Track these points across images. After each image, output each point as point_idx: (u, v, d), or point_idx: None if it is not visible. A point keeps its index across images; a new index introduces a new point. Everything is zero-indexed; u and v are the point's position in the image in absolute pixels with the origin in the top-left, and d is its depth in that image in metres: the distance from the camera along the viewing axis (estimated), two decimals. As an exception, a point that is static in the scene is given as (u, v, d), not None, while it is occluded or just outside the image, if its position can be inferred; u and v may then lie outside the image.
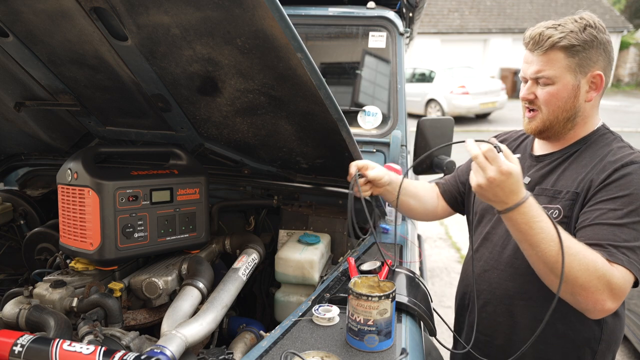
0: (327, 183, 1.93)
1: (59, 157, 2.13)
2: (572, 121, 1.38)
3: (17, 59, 1.44)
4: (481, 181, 1.18)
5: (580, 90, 1.34)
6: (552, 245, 1.17)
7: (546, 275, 1.23)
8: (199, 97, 1.47)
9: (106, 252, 1.40)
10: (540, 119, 1.39)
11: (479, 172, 1.18)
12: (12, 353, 1.04)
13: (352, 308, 1.10)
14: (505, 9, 20.62)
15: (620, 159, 1.30)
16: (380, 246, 1.54)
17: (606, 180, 1.27)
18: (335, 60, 2.58)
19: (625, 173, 1.26)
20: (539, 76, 1.34)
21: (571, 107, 1.35)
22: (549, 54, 1.31)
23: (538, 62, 1.33)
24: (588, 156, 1.37)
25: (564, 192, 1.35)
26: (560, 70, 1.32)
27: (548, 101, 1.35)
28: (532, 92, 1.37)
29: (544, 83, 1.34)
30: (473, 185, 1.21)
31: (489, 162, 1.17)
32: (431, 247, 5.60)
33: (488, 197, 1.20)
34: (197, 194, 1.62)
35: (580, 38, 1.29)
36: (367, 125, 2.28)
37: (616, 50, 21.07)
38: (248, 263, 1.62)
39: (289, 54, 1.14)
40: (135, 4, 1.10)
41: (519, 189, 1.19)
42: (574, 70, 1.32)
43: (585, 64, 1.32)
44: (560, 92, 1.33)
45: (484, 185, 1.18)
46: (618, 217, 1.22)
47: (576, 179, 1.34)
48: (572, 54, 1.30)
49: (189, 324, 1.25)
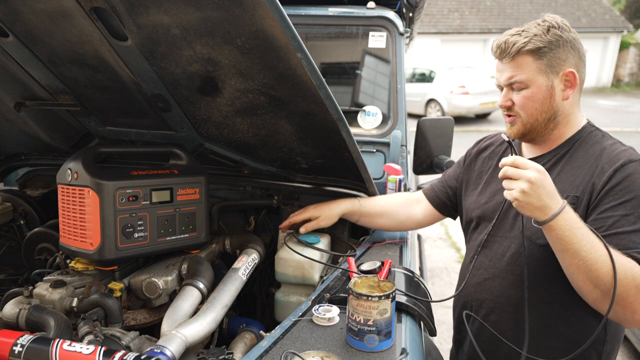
0: (327, 183, 1.94)
1: (59, 157, 2.13)
2: (554, 121, 1.39)
3: (17, 59, 1.44)
4: (523, 186, 1.18)
5: (555, 90, 1.36)
6: (593, 253, 1.17)
7: (584, 286, 1.21)
8: (199, 97, 1.47)
9: (106, 252, 1.40)
10: (520, 123, 1.41)
11: (516, 181, 1.19)
12: (12, 353, 1.04)
13: (352, 308, 1.10)
14: (505, 9, 20.63)
15: (616, 158, 1.30)
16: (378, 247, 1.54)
17: (608, 183, 1.27)
18: (335, 60, 2.58)
19: (626, 175, 1.26)
20: (511, 82, 1.37)
21: (549, 107, 1.37)
22: (517, 60, 1.35)
23: (508, 68, 1.37)
24: (581, 156, 1.37)
25: (563, 196, 1.33)
26: (531, 73, 1.34)
27: (524, 105, 1.37)
28: (509, 98, 1.40)
29: (518, 88, 1.37)
30: (514, 199, 1.20)
31: (521, 168, 1.19)
32: (431, 247, 5.60)
33: (533, 205, 1.19)
34: (197, 194, 1.62)
35: (545, 40, 1.32)
36: (367, 125, 2.28)
37: (616, 50, 21.13)
38: (248, 263, 1.62)
39: (289, 54, 1.14)
40: (135, 4, 1.10)
41: (555, 191, 1.20)
42: (545, 71, 1.34)
43: (555, 63, 1.34)
44: (535, 94, 1.36)
45: (527, 190, 1.17)
46: (632, 222, 1.22)
47: (574, 182, 1.34)
48: (540, 56, 1.33)
49: (189, 324, 1.25)
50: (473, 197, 1.62)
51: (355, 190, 1.94)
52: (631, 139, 1.48)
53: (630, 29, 21.27)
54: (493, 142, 1.67)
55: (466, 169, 1.70)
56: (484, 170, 1.63)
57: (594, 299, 1.21)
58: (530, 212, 1.21)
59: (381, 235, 1.90)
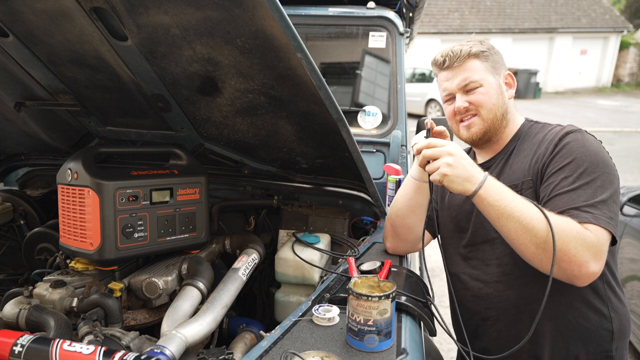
0: (327, 183, 1.94)
1: (59, 157, 2.13)
2: (506, 118, 1.48)
3: (17, 59, 1.44)
4: (448, 160, 1.24)
5: (502, 88, 1.48)
6: (526, 212, 1.21)
7: (527, 249, 1.23)
8: (199, 97, 1.47)
9: (106, 252, 1.40)
10: (480, 122, 1.46)
11: (438, 159, 1.26)
12: (12, 353, 1.04)
13: (352, 308, 1.10)
14: (505, 9, 20.62)
15: (557, 134, 1.37)
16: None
17: (550, 155, 1.34)
18: (335, 60, 2.58)
19: (564, 143, 1.33)
20: (466, 83, 1.44)
21: (502, 103, 1.47)
22: (467, 63, 1.45)
23: (460, 73, 1.45)
24: (527, 147, 1.45)
25: (519, 184, 1.39)
26: (482, 72, 1.45)
27: (483, 101, 1.44)
28: (465, 100, 1.46)
29: (472, 87, 1.44)
30: (440, 175, 1.25)
31: (438, 145, 1.27)
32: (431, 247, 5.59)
33: (461, 176, 1.24)
34: (197, 194, 1.62)
35: (484, 47, 1.47)
36: (367, 125, 2.28)
37: (616, 50, 21.13)
38: (248, 263, 1.62)
39: (289, 54, 1.14)
40: (135, 4, 1.10)
41: (473, 162, 1.28)
42: (491, 71, 1.46)
43: (497, 66, 1.48)
44: (490, 90, 1.45)
45: (452, 162, 1.24)
46: (570, 182, 1.27)
47: (524, 169, 1.40)
48: (485, 58, 1.46)
49: (189, 324, 1.25)
50: (442, 213, 1.64)
51: (355, 191, 1.94)
52: (631, 139, 1.48)
53: (630, 29, 21.27)
54: None
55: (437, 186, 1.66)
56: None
57: (539, 260, 1.23)
58: (461, 185, 1.25)
59: (381, 235, 1.90)
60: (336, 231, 1.96)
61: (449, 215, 1.61)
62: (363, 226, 2.02)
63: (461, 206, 1.56)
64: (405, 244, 1.61)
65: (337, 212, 2.00)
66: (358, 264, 1.51)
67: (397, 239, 1.61)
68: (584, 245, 1.18)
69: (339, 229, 1.97)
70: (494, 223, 1.28)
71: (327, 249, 1.78)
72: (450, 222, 1.60)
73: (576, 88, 21.08)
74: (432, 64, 1.54)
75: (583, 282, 1.23)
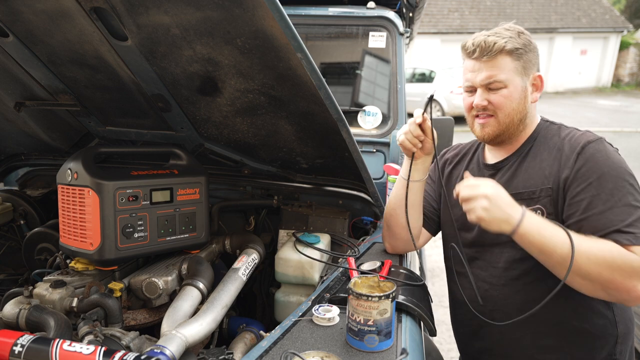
0: (327, 183, 1.94)
1: (59, 157, 2.13)
2: (524, 122, 1.43)
3: (17, 59, 1.44)
4: (484, 204, 1.22)
5: (527, 91, 1.40)
6: (567, 247, 1.19)
7: (573, 280, 1.23)
8: (199, 97, 1.47)
9: (106, 252, 1.40)
10: (495, 124, 1.41)
11: (474, 201, 1.23)
12: (12, 353, 1.04)
13: (352, 308, 1.10)
14: (505, 9, 20.62)
15: (576, 143, 1.34)
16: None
17: (574, 168, 1.31)
18: (335, 60, 2.58)
19: (587, 156, 1.30)
20: (490, 81, 1.37)
21: (523, 108, 1.40)
22: (497, 59, 1.36)
23: (487, 68, 1.37)
24: (543, 150, 1.41)
25: (538, 191, 1.37)
26: (509, 73, 1.36)
27: (503, 104, 1.38)
28: (485, 98, 1.39)
29: (496, 87, 1.37)
30: (478, 218, 1.24)
31: (473, 187, 1.24)
32: (431, 247, 5.60)
33: (498, 218, 1.23)
34: (197, 194, 1.62)
35: (520, 42, 1.36)
36: (367, 125, 2.28)
37: (616, 50, 21.12)
38: (248, 263, 1.62)
39: (289, 54, 1.14)
40: (135, 4, 1.10)
41: (512, 199, 1.24)
42: (521, 72, 1.38)
43: (528, 66, 1.39)
44: (513, 94, 1.38)
45: (488, 206, 1.22)
46: (604, 201, 1.25)
47: (542, 174, 1.37)
48: (517, 57, 1.36)
49: (189, 324, 1.25)
50: (450, 211, 1.58)
51: (355, 191, 1.94)
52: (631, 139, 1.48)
53: (630, 29, 21.26)
54: (458, 153, 1.67)
55: (439, 184, 1.67)
56: (452, 182, 1.61)
57: (588, 289, 1.23)
58: (498, 226, 1.24)
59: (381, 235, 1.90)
60: (336, 231, 1.96)
61: (455, 213, 1.57)
62: (363, 226, 2.02)
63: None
64: (403, 242, 1.60)
65: (337, 212, 2.00)
66: (358, 264, 1.51)
67: (394, 238, 1.60)
68: (630, 272, 1.17)
69: (339, 229, 1.97)
70: (536, 257, 1.27)
71: (327, 249, 1.78)
72: (456, 220, 1.57)
73: (576, 88, 21.06)
74: (461, 48, 1.44)
75: (634, 304, 1.24)
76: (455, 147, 1.72)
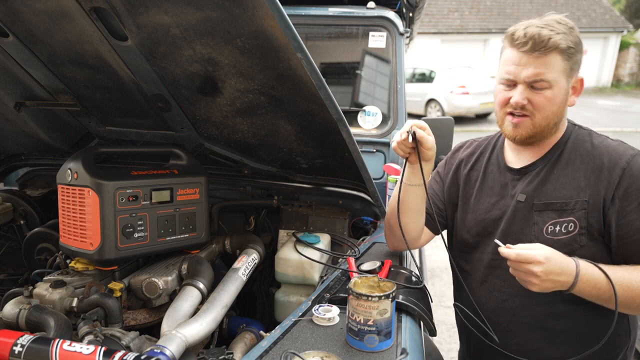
0: (327, 183, 1.94)
1: (59, 157, 2.13)
2: (557, 126, 1.35)
3: (17, 59, 1.44)
4: (539, 283, 1.20)
5: (568, 94, 1.32)
6: (623, 293, 1.21)
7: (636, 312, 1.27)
8: (199, 97, 1.47)
9: (106, 252, 1.40)
10: (530, 125, 1.32)
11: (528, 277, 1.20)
12: (12, 353, 1.04)
13: (352, 308, 1.10)
14: (505, 9, 20.61)
15: (617, 155, 1.29)
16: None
17: (621, 185, 1.26)
18: (335, 60, 2.58)
19: (635, 173, 1.26)
20: (537, 79, 1.26)
21: (562, 111, 1.32)
22: (549, 57, 1.24)
23: (536, 64, 1.25)
24: (575, 158, 1.34)
25: (572, 203, 1.30)
26: (558, 73, 1.26)
27: (544, 106, 1.28)
28: (526, 97, 1.28)
29: (540, 87, 1.27)
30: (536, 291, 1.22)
31: (523, 263, 1.19)
32: (431, 247, 5.60)
33: (555, 286, 1.22)
34: (197, 194, 1.62)
35: (572, 40, 1.26)
36: (367, 125, 2.28)
37: (616, 50, 21.11)
38: (248, 263, 1.62)
39: (289, 54, 1.14)
40: (135, 4, 1.10)
41: (566, 261, 1.21)
42: (568, 74, 1.28)
43: (575, 68, 1.29)
44: (557, 96, 1.28)
45: (543, 284, 1.20)
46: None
47: (578, 185, 1.31)
48: (568, 56, 1.26)
49: (189, 324, 1.25)
50: (467, 215, 1.53)
51: (355, 191, 1.94)
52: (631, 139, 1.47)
53: (630, 29, 21.26)
54: (473, 151, 1.58)
55: (452, 184, 1.59)
56: (470, 184, 1.54)
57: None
58: (551, 291, 1.23)
59: (381, 235, 1.90)
60: (336, 231, 1.96)
61: (474, 217, 1.50)
62: (363, 226, 2.02)
63: (489, 210, 1.46)
64: (403, 242, 1.54)
65: (337, 212, 2.00)
66: (358, 264, 1.51)
67: (394, 238, 1.57)
68: None
69: (339, 229, 1.97)
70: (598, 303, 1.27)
71: (327, 249, 1.78)
72: (475, 225, 1.49)
73: (576, 88, 21.06)
74: (508, 36, 1.30)
75: None
76: (469, 144, 1.62)
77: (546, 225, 1.33)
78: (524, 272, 1.20)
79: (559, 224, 1.31)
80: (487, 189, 1.49)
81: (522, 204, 1.38)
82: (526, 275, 1.20)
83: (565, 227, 1.31)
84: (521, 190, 1.39)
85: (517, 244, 1.33)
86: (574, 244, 1.30)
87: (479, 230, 1.48)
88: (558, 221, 1.31)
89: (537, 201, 1.36)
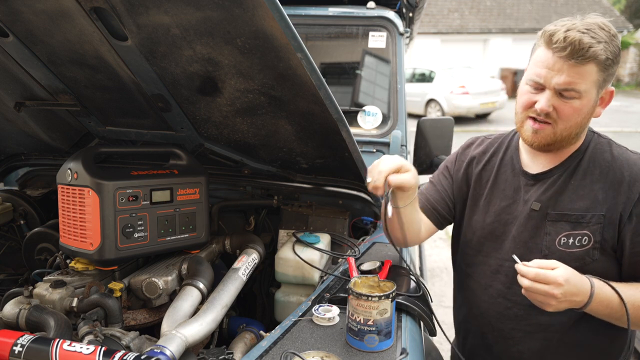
0: (327, 183, 1.94)
1: (59, 157, 2.13)
2: (579, 135, 1.31)
3: (17, 59, 1.44)
4: (556, 304, 1.19)
5: (595, 105, 1.27)
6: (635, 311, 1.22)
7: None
8: (199, 97, 1.47)
9: (106, 252, 1.40)
10: (551, 133, 1.26)
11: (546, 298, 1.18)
12: (12, 353, 1.04)
13: (352, 308, 1.10)
14: (505, 9, 20.62)
15: (639, 170, 1.27)
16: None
17: (639, 201, 1.24)
18: (335, 60, 2.59)
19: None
20: (567, 88, 1.20)
21: (585, 123, 1.27)
22: (585, 67, 1.18)
23: (570, 73, 1.18)
24: (594, 168, 1.31)
25: (588, 216, 1.27)
26: (590, 84, 1.20)
27: (569, 116, 1.23)
28: (552, 104, 1.23)
29: (569, 96, 1.21)
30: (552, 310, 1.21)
31: (542, 283, 1.17)
32: (431, 247, 5.60)
33: (571, 305, 1.21)
34: (197, 194, 1.62)
35: (612, 51, 1.19)
36: (367, 125, 2.28)
37: (616, 50, 21.09)
38: (248, 263, 1.62)
39: (289, 54, 1.14)
40: (135, 4, 1.10)
41: (582, 282, 1.20)
42: (600, 85, 1.22)
43: (608, 80, 1.24)
44: (584, 107, 1.23)
45: (561, 305, 1.20)
46: None
47: (596, 198, 1.28)
48: (604, 68, 1.20)
49: (189, 324, 1.25)
50: (475, 216, 1.49)
51: (355, 191, 1.94)
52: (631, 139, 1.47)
53: (630, 29, 21.27)
54: (485, 150, 1.53)
55: (462, 182, 1.55)
56: (482, 184, 1.50)
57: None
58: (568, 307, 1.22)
59: (381, 235, 1.90)
60: (336, 231, 1.96)
61: (482, 219, 1.46)
62: (363, 226, 2.02)
63: (499, 214, 1.43)
64: (404, 242, 1.52)
65: (337, 212, 2.00)
66: (358, 264, 1.51)
67: (394, 238, 1.52)
68: None
69: (339, 229, 1.97)
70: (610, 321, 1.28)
71: (327, 249, 1.78)
72: (482, 227, 1.46)
73: (576, 88, 21.05)
74: (546, 36, 1.22)
75: None
76: (480, 141, 1.57)
77: (559, 236, 1.31)
78: (542, 293, 1.17)
79: (573, 236, 1.28)
80: (499, 191, 1.44)
81: (536, 213, 1.34)
82: (545, 297, 1.17)
83: (579, 240, 1.28)
84: (535, 197, 1.35)
85: (526, 252, 1.32)
86: (586, 258, 1.28)
87: (485, 233, 1.45)
88: (572, 233, 1.29)
89: (551, 211, 1.32)
